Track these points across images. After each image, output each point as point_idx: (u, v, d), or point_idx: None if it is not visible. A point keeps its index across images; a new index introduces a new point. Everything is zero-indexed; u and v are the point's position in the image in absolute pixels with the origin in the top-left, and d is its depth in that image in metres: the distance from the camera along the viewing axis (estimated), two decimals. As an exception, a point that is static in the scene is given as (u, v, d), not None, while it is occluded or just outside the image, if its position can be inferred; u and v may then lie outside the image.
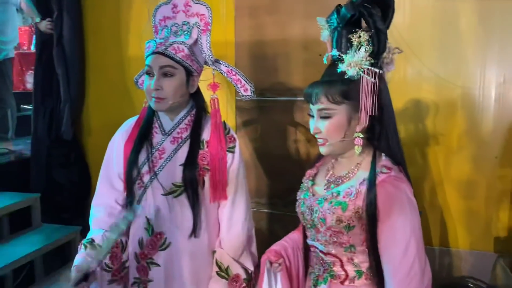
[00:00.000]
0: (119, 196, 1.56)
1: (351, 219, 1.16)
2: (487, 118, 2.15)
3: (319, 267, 1.30)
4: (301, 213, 1.30)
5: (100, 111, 3.01)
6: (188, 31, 1.50)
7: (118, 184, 1.56)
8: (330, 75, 1.19)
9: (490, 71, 2.12)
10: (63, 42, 2.89)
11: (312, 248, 1.31)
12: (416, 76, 2.22)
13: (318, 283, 1.29)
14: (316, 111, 1.19)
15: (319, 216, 1.20)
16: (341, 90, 1.15)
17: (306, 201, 1.28)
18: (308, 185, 1.32)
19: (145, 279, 1.53)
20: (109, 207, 1.54)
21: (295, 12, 2.40)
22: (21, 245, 2.60)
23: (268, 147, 2.52)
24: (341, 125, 1.17)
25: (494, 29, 2.10)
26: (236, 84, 1.56)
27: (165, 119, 1.54)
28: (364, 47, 1.13)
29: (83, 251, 1.42)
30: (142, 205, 1.52)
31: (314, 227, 1.24)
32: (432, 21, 2.18)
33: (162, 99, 1.44)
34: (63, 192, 3.04)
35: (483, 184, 2.18)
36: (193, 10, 1.51)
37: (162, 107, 1.47)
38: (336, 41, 1.20)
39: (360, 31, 1.14)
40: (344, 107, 1.16)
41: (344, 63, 1.15)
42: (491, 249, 2.20)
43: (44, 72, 3.03)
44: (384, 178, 1.16)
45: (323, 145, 1.20)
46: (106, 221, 1.52)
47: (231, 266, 1.52)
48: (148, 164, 1.49)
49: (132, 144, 1.52)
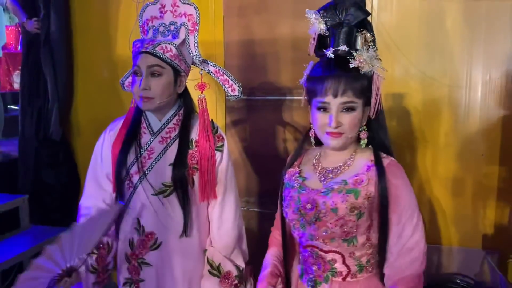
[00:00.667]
0: (107, 197, 1.56)
1: (363, 205, 1.20)
2: (474, 116, 2.17)
3: (316, 268, 1.28)
4: (298, 209, 1.26)
5: (89, 111, 2.99)
6: (175, 31, 1.50)
7: (106, 184, 1.56)
8: (344, 69, 1.20)
9: (476, 70, 2.15)
10: (50, 42, 2.86)
11: (308, 248, 1.29)
12: (403, 74, 2.24)
13: (317, 283, 1.28)
14: (338, 104, 1.19)
15: (329, 206, 1.20)
16: (361, 85, 1.20)
17: (303, 196, 1.26)
18: (299, 182, 1.31)
19: (137, 279, 1.53)
20: (97, 208, 1.53)
21: (283, 11, 2.41)
22: (10, 247, 2.58)
23: (258, 146, 2.53)
24: (360, 118, 1.23)
25: (479, 28, 2.13)
26: (224, 84, 1.56)
27: (153, 119, 1.54)
28: (372, 47, 1.22)
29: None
30: (132, 205, 1.52)
31: (316, 222, 1.22)
32: (419, 21, 2.20)
33: (150, 98, 1.44)
34: (51, 193, 3.01)
35: (470, 182, 2.21)
36: (181, 10, 1.51)
37: (149, 107, 1.47)
38: (344, 37, 1.23)
39: (365, 32, 1.23)
40: (361, 101, 1.21)
41: (355, 59, 1.19)
42: (479, 246, 2.23)
43: (31, 72, 2.99)
44: (388, 162, 1.23)
45: (339, 137, 1.21)
46: None
47: (222, 264, 1.53)
48: (137, 164, 1.49)
49: (120, 144, 1.51)
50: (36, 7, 2.91)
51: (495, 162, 2.16)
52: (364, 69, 1.20)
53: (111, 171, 1.53)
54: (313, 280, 1.29)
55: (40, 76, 2.94)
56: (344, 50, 1.22)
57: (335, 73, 1.20)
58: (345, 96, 1.18)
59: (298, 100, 2.42)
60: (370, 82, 1.22)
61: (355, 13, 1.22)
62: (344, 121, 1.20)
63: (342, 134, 1.21)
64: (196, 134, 1.51)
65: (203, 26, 1.53)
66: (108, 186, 1.55)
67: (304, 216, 1.25)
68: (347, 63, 1.20)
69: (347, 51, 1.21)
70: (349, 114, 1.20)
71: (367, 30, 1.25)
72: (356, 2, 1.23)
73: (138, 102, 1.47)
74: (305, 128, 2.35)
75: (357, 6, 1.23)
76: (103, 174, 1.55)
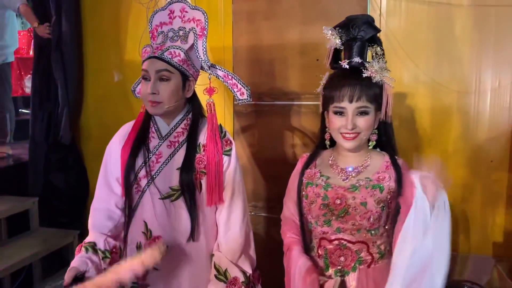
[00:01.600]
0: (118, 200, 1.56)
1: (386, 199, 1.38)
2: (483, 122, 2.16)
3: (344, 259, 1.42)
4: (326, 205, 1.41)
5: (99, 116, 3.02)
6: (184, 37, 1.51)
7: (116, 188, 1.57)
8: (358, 78, 1.37)
9: (485, 76, 2.14)
10: (61, 47, 2.89)
11: (336, 241, 1.42)
12: (411, 80, 2.23)
13: (345, 273, 1.42)
14: (354, 108, 1.36)
15: (358, 201, 1.37)
16: (374, 92, 1.38)
17: (330, 193, 1.41)
18: (324, 180, 1.45)
19: (143, 283, 1.54)
20: (109, 211, 1.54)
21: (292, 17, 2.42)
22: (19, 249, 2.60)
23: (266, 151, 2.53)
24: (373, 122, 1.40)
25: (489, 33, 2.12)
26: (233, 88, 1.57)
27: (162, 124, 1.55)
28: (382, 59, 1.42)
29: (85, 253, 1.42)
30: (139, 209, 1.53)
31: (344, 216, 1.38)
32: (427, 26, 2.20)
33: (158, 103, 1.45)
34: (61, 196, 3.03)
35: (479, 188, 2.19)
36: (190, 16, 1.52)
37: (158, 111, 1.48)
38: (358, 50, 1.43)
39: (376, 46, 1.44)
40: (374, 106, 1.38)
41: (367, 69, 1.38)
42: (489, 253, 2.21)
43: (42, 76, 3.03)
44: (401, 162, 1.44)
45: (353, 139, 1.38)
46: (106, 225, 1.52)
47: (229, 269, 1.52)
48: (145, 168, 1.50)
49: (129, 148, 1.52)
50: (48, 13, 2.94)
51: (505, 168, 2.14)
52: (375, 78, 1.38)
53: (120, 175, 1.54)
54: (341, 271, 1.42)
55: (51, 80, 2.97)
56: (357, 62, 1.42)
57: (351, 81, 1.37)
58: (359, 101, 1.35)
59: (306, 105, 2.42)
60: (381, 89, 1.40)
61: (367, 29, 1.42)
62: (359, 123, 1.36)
63: (357, 135, 1.37)
64: (204, 138, 1.52)
65: (212, 32, 1.54)
66: (118, 190, 1.56)
67: (332, 211, 1.40)
68: (360, 73, 1.38)
69: (360, 62, 1.41)
70: (363, 118, 1.37)
71: (377, 44, 1.45)
72: (368, 21, 1.44)
73: (147, 107, 1.49)
74: (313, 133, 2.36)
75: (368, 23, 1.43)
76: (113, 178, 1.56)
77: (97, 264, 1.42)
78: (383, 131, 1.46)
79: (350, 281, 1.42)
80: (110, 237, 1.51)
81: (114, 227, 1.55)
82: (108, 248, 1.48)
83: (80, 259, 1.40)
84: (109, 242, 1.50)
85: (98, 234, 1.50)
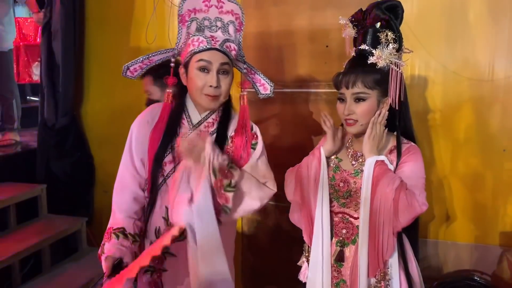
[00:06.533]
0: (142, 182, 1.54)
1: None
2: (495, 110, 2.13)
3: (346, 232, 1.51)
4: (332, 186, 1.51)
5: (105, 103, 3.00)
6: (224, 28, 1.50)
7: (140, 169, 1.54)
8: (362, 65, 1.40)
9: (499, 63, 2.10)
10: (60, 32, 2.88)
11: (340, 215, 1.52)
12: (424, 67, 2.20)
13: (345, 244, 1.51)
14: (351, 95, 1.40)
15: (358, 186, 1.44)
16: (374, 78, 1.39)
17: (337, 175, 1.51)
18: (336, 162, 1.54)
19: (160, 268, 1.53)
20: (134, 193, 1.53)
21: (301, 3, 2.38)
22: (28, 235, 2.62)
23: (274, 139, 2.52)
24: (372, 108, 1.41)
25: (503, 20, 2.07)
26: (255, 83, 1.61)
27: (194, 112, 1.54)
28: (392, 44, 1.40)
29: (116, 240, 1.42)
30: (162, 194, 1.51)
31: (347, 197, 1.49)
32: (440, 13, 2.16)
33: (218, 97, 1.46)
34: (68, 183, 3.05)
35: (490, 178, 2.17)
36: (227, 8, 1.51)
37: (215, 106, 1.49)
38: (366, 38, 1.44)
39: (387, 31, 1.41)
40: (375, 92, 1.40)
41: (373, 56, 1.39)
42: (497, 243, 2.19)
43: (47, 62, 3.03)
44: (408, 147, 1.45)
45: (353, 125, 1.43)
46: (133, 207, 1.51)
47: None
48: (172, 154, 1.49)
49: (160, 132, 1.51)
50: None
51: (517, 158, 2.11)
52: (380, 64, 1.39)
53: (147, 157, 1.53)
54: (342, 242, 1.52)
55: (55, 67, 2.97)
56: (365, 49, 1.43)
57: (354, 68, 1.41)
58: (355, 87, 1.39)
59: (315, 93, 2.39)
60: (386, 75, 1.40)
61: (375, 15, 1.42)
62: (356, 110, 1.40)
63: (356, 122, 1.42)
64: (233, 130, 1.53)
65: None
66: (142, 171, 1.54)
67: (338, 191, 1.50)
68: (366, 60, 1.40)
69: (367, 49, 1.42)
70: (359, 104, 1.40)
71: (390, 29, 1.42)
72: (379, 6, 1.42)
73: (200, 98, 1.47)
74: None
75: (379, 9, 1.42)
76: (138, 158, 1.54)
77: (131, 248, 1.43)
78: (400, 117, 1.47)
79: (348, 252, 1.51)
80: (138, 220, 1.52)
81: (140, 209, 1.54)
82: (138, 231, 1.49)
83: (113, 247, 1.40)
84: (137, 225, 1.50)
85: (126, 218, 1.49)
